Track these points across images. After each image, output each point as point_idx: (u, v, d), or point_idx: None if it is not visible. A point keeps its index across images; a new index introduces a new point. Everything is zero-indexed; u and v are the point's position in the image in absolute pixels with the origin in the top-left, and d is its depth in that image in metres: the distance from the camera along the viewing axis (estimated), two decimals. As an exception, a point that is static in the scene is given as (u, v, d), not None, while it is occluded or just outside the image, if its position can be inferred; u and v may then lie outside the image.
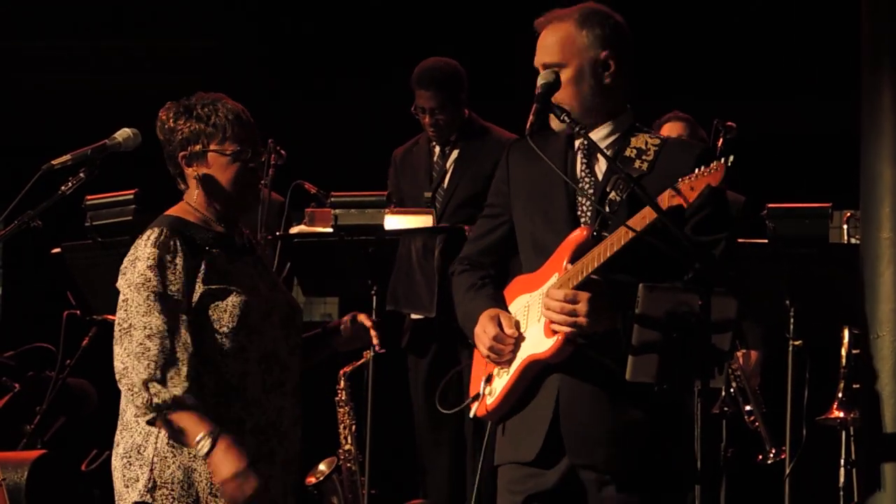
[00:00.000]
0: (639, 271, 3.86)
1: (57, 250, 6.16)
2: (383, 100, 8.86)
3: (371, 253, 5.96)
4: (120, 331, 3.92)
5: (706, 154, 3.94)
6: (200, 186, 4.03)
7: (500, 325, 4.02)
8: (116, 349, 3.93)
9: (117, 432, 4.03)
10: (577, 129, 3.99)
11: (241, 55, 10.21)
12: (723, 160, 3.73)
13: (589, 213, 3.99)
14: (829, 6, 8.08)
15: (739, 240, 6.03)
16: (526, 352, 4.01)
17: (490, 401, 4.07)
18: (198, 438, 3.81)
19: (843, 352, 6.05)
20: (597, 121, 4.00)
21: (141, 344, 3.87)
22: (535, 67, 4.03)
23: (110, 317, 6.82)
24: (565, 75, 3.95)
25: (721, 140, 6.44)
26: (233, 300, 3.94)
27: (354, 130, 9.06)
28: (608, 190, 3.91)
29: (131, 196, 6.09)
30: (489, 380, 4.08)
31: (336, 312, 8.85)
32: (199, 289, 3.93)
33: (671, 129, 6.88)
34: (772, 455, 6.14)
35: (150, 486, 3.89)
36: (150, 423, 3.90)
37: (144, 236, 3.97)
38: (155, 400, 3.83)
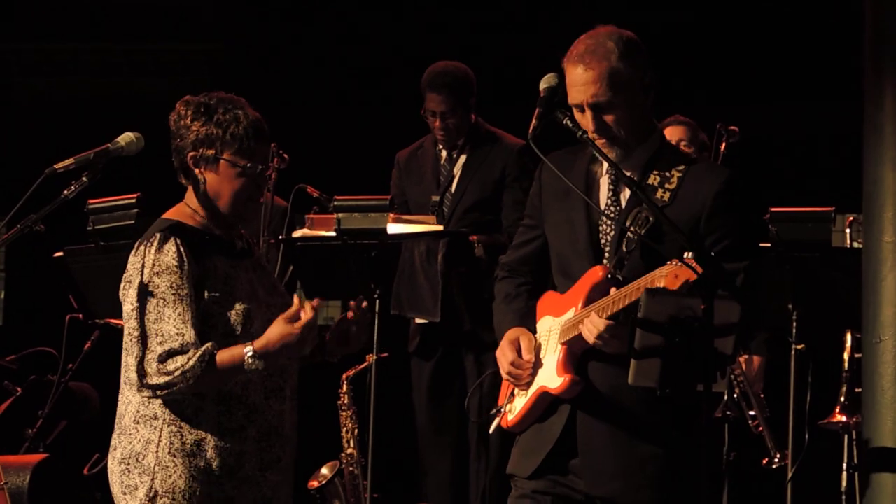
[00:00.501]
0: None
1: (59, 254, 6.16)
2: (387, 103, 8.87)
3: (374, 257, 5.95)
4: (131, 339, 3.91)
5: (727, 188, 3.91)
6: (205, 189, 4.01)
7: (519, 349, 4.06)
8: (128, 359, 3.91)
9: (114, 436, 4.01)
10: (580, 133, 3.99)
11: (243, 58, 10.21)
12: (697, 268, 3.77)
13: (611, 243, 4.02)
14: (831, 9, 8.09)
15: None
16: (541, 381, 4.07)
17: (511, 417, 4.16)
18: (246, 364, 3.80)
19: (846, 356, 6.05)
20: (634, 143, 4.01)
21: (152, 350, 3.86)
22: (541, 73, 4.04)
23: (112, 321, 6.84)
24: (618, 110, 3.94)
25: (724, 144, 6.44)
26: (236, 309, 3.94)
27: (358, 134, 9.07)
28: (628, 224, 3.93)
29: (133, 200, 6.09)
30: (511, 397, 4.14)
31: (338, 316, 8.83)
32: (201, 297, 3.92)
33: (672, 133, 6.87)
34: (776, 460, 6.13)
35: (150, 494, 3.88)
36: (192, 392, 3.86)
37: (148, 243, 3.96)
38: (189, 374, 3.82)
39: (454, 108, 6.68)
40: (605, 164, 4.05)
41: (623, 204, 4.03)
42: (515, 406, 4.11)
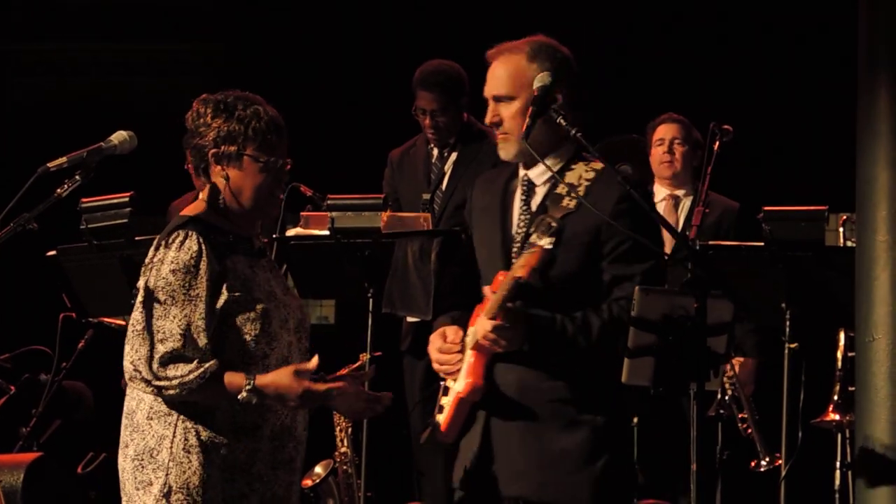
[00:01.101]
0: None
1: (52, 253, 6.16)
2: (380, 102, 8.86)
3: (367, 255, 5.95)
4: (133, 332, 3.91)
5: (627, 195, 3.94)
6: (227, 186, 4.01)
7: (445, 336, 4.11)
8: (126, 348, 3.92)
9: (126, 433, 3.99)
10: (573, 132, 4.01)
11: (240, 58, 10.21)
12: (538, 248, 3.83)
13: (517, 251, 4.09)
14: (825, 8, 8.09)
15: (735, 243, 6.04)
16: (456, 388, 4.13)
17: (442, 428, 4.14)
18: (241, 396, 3.83)
19: (839, 354, 6.06)
20: (542, 152, 4.03)
21: (153, 347, 3.86)
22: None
23: (106, 319, 6.84)
24: (513, 108, 4.04)
25: (717, 143, 6.44)
26: (256, 309, 3.95)
27: (351, 133, 9.07)
28: (531, 231, 3.98)
29: (127, 199, 6.09)
30: (441, 408, 4.15)
31: (332, 315, 8.86)
32: (223, 296, 3.93)
33: (665, 131, 6.88)
34: (765, 463, 6.14)
35: (165, 490, 3.88)
36: (178, 402, 3.88)
37: (169, 239, 3.96)
38: (175, 383, 3.84)
39: (445, 107, 6.67)
40: (521, 174, 4.09)
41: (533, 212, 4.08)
42: (443, 416, 4.12)
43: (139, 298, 3.95)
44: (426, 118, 6.72)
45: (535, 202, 4.09)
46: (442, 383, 4.23)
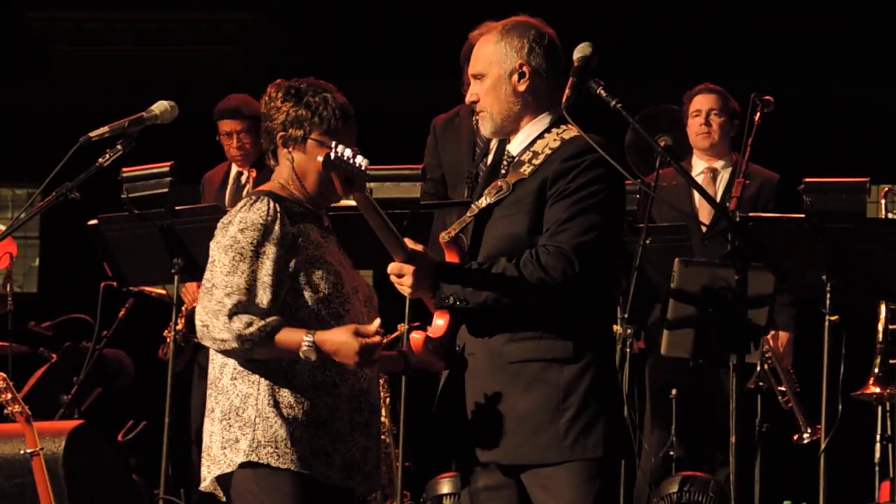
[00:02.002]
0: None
1: (94, 222, 6.18)
2: (418, 70, 8.87)
3: (406, 226, 5.96)
4: (203, 290, 4.01)
5: (575, 156, 3.98)
6: (292, 168, 4.13)
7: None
8: (197, 308, 4.01)
9: (211, 399, 4.08)
10: (614, 102, 4.01)
11: (277, 28, 10.23)
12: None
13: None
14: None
15: (775, 215, 6.01)
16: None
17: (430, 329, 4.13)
18: (302, 350, 3.90)
19: (880, 327, 6.04)
20: (516, 126, 4.14)
21: (220, 301, 3.95)
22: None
23: (146, 288, 6.88)
24: (486, 85, 4.13)
25: (759, 114, 6.40)
26: (329, 269, 4.06)
27: (388, 102, 9.07)
28: (485, 193, 4.08)
29: (167, 168, 6.11)
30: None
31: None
32: (299, 253, 4.03)
33: (702, 102, 6.84)
34: (807, 436, 6.13)
35: (253, 445, 3.95)
36: (247, 358, 3.96)
37: (241, 203, 4.08)
38: (240, 336, 3.91)
39: None
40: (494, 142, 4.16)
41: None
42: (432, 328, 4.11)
43: (210, 259, 4.05)
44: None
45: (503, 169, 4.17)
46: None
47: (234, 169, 7.16)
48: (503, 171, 4.11)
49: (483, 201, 4.05)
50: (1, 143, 10.60)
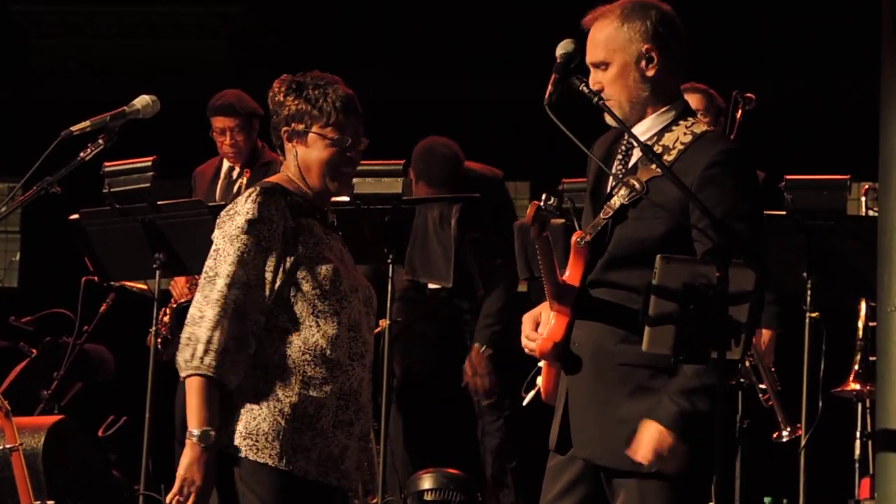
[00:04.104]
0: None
1: (75, 217, 6.17)
2: (405, 67, 8.87)
3: (388, 221, 5.96)
4: (205, 278, 4.01)
5: (721, 156, 3.90)
6: (296, 163, 4.13)
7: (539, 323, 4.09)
8: (197, 296, 4.01)
9: None
10: (596, 100, 3.99)
11: (261, 21, 10.21)
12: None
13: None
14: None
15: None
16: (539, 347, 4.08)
17: (539, 382, 4.13)
18: (194, 429, 3.93)
19: (860, 324, 6.05)
20: (643, 114, 4.01)
21: (220, 291, 3.95)
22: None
23: (128, 283, 6.87)
24: (612, 72, 3.98)
25: (740, 111, 6.41)
26: (327, 265, 4.05)
27: (375, 97, 9.05)
28: (614, 192, 3.94)
29: (149, 163, 6.11)
30: (541, 370, 4.13)
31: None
32: (297, 248, 4.03)
33: (688, 101, 6.82)
34: (786, 434, 6.14)
35: (234, 435, 3.97)
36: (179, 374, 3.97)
37: (245, 194, 4.07)
38: (195, 362, 3.93)
39: None
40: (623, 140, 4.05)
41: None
42: (540, 379, 4.11)
43: (213, 247, 4.04)
44: None
45: (631, 163, 4.05)
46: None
47: (226, 164, 7.14)
48: (622, 160, 3.98)
49: (616, 201, 3.89)
50: (-18, 136, 10.58)
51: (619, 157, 4.04)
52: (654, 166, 3.88)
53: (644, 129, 4.01)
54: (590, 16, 4.03)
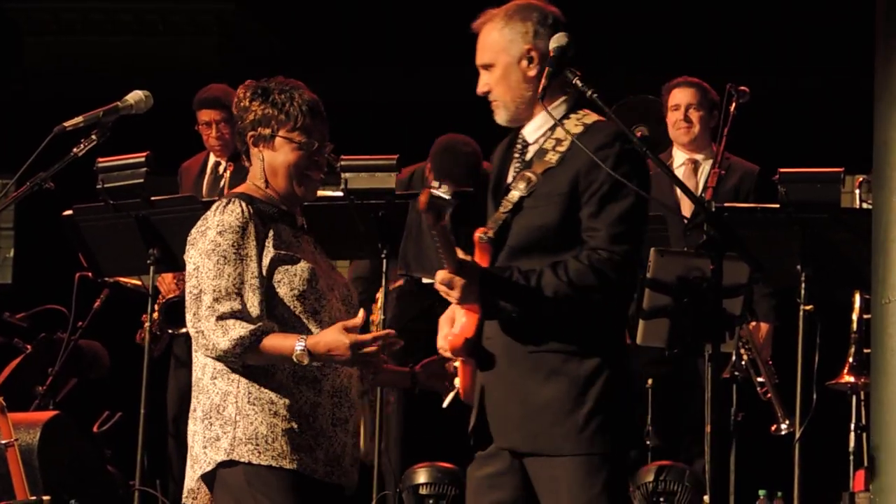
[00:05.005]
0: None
1: (69, 212, 6.17)
2: (398, 62, 8.86)
3: (381, 216, 5.96)
4: (191, 297, 4.01)
5: (607, 145, 3.94)
6: (263, 167, 4.13)
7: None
8: (188, 316, 4.01)
9: (195, 399, 4.08)
10: (590, 93, 4.01)
11: (253, 18, 10.20)
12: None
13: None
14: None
15: (750, 205, 6.02)
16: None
17: (457, 383, 4.18)
18: (294, 355, 3.91)
19: (855, 317, 6.05)
20: (531, 112, 4.09)
21: (210, 307, 3.95)
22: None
23: (122, 279, 6.86)
24: (496, 73, 4.08)
25: (734, 104, 6.42)
26: (301, 265, 4.05)
27: (367, 93, 9.05)
28: (510, 187, 4.03)
29: (143, 159, 6.10)
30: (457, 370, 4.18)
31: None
32: (269, 253, 4.03)
33: (680, 97, 6.83)
34: (784, 427, 6.14)
35: (234, 443, 3.96)
36: (240, 364, 3.96)
37: (213, 207, 4.08)
38: (232, 341, 3.92)
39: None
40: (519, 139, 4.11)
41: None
42: (458, 380, 4.15)
43: (190, 266, 4.04)
44: None
45: (528, 158, 4.12)
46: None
47: (212, 159, 7.15)
48: (519, 157, 4.06)
49: (515, 194, 3.99)
50: (-25, 133, 10.56)
51: (517, 155, 4.12)
52: (547, 157, 3.97)
53: (535, 127, 4.10)
54: (479, 20, 4.13)
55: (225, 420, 3.97)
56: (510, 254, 3.98)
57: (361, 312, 4.01)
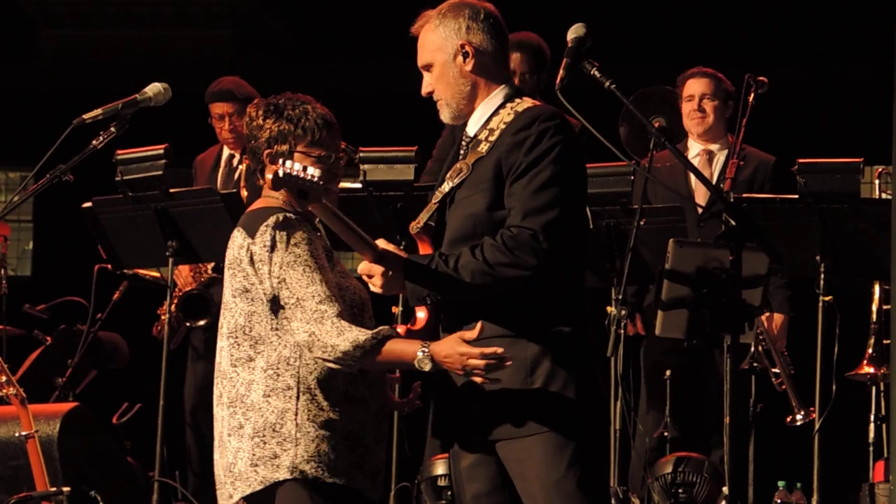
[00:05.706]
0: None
1: (88, 204, 6.18)
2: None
3: (400, 208, 5.96)
4: (290, 307, 3.96)
5: (526, 126, 3.96)
6: None
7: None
8: (294, 324, 3.95)
9: (239, 414, 4.03)
10: (608, 84, 4.01)
11: (268, 10, 10.20)
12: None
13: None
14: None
15: (769, 195, 6.01)
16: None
17: None
18: (417, 360, 3.89)
19: (874, 307, 6.04)
20: (472, 107, 4.13)
21: (316, 311, 3.93)
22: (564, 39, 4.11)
23: (141, 271, 6.87)
24: (435, 72, 4.13)
25: (752, 95, 6.40)
26: (354, 283, 4.10)
27: (384, 84, 9.05)
28: (444, 180, 4.07)
29: (161, 151, 6.11)
30: None
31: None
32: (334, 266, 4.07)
33: (695, 87, 6.80)
34: (800, 417, 6.13)
35: (297, 461, 3.95)
36: (357, 368, 3.94)
37: (268, 222, 4.02)
38: (360, 346, 3.90)
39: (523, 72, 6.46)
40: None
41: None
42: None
43: (271, 282, 3.98)
44: (515, 78, 6.55)
45: (461, 153, 4.17)
46: None
47: (226, 152, 7.14)
48: (462, 153, 4.11)
49: (446, 186, 4.04)
50: (-6, 126, 10.59)
51: (462, 151, 4.14)
52: (480, 148, 4.01)
53: (476, 120, 4.13)
54: (416, 22, 4.20)
55: (283, 437, 3.95)
56: (450, 244, 4.00)
57: (479, 325, 3.92)
